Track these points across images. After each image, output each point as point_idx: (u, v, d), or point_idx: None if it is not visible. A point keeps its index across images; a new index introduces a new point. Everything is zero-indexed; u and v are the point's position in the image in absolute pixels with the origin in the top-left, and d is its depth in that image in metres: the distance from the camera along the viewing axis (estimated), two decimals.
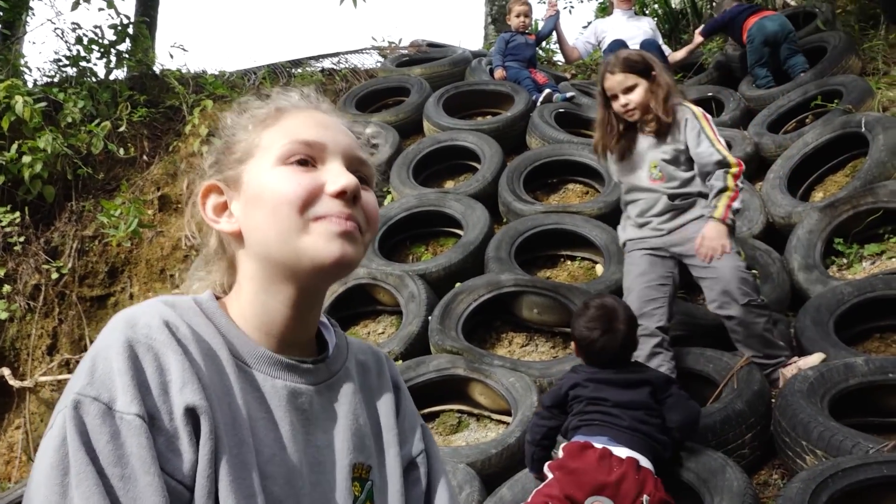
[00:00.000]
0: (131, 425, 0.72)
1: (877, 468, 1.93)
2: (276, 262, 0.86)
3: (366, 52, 6.98)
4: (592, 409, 2.23)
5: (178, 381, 0.76)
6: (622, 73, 2.92)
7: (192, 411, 0.76)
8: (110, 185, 5.31)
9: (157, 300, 0.85)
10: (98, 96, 5.54)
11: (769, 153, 4.29)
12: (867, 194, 3.45)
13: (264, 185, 0.87)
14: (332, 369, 0.92)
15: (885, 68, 4.68)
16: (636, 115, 2.94)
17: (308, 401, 0.88)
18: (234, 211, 0.91)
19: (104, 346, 0.76)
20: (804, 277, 3.31)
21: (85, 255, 5.00)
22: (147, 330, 0.78)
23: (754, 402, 2.46)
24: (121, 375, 0.74)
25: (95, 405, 0.72)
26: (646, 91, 2.92)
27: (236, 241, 0.91)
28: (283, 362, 0.87)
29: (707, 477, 2.11)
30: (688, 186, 2.94)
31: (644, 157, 2.98)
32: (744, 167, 2.88)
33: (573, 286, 3.55)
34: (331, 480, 0.86)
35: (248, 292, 0.89)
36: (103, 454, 0.71)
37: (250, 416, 0.82)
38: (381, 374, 1.01)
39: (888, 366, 2.48)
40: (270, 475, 0.81)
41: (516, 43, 5.53)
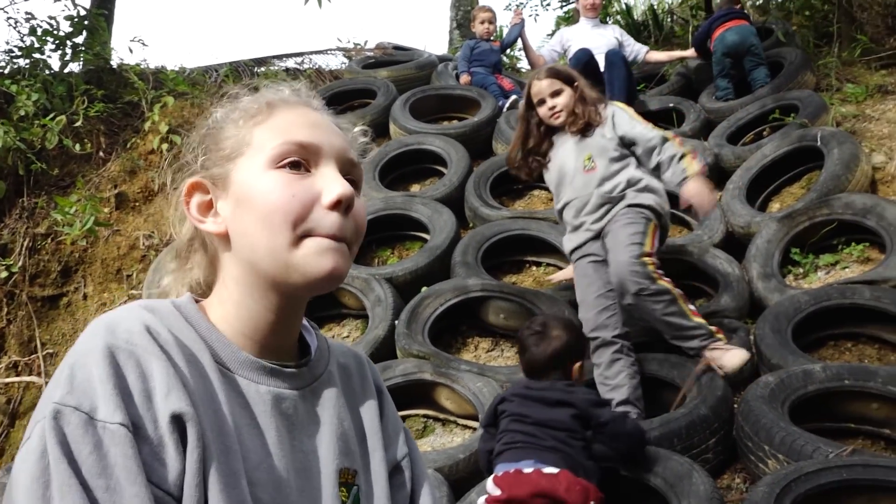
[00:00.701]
0: (115, 435, 0.70)
1: (837, 472, 1.99)
2: (262, 271, 0.84)
3: (331, 53, 6.94)
4: (515, 427, 2.15)
5: (163, 387, 0.74)
6: (548, 79, 3.06)
7: (178, 418, 0.73)
8: (64, 182, 5.15)
9: (137, 304, 0.82)
10: (53, 89, 5.37)
11: (728, 164, 4.40)
12: (823, 206, 3.57)
13: (256, 189, 0.83)
14: (314, 373, 0.91)
15: (837, 84, 4.85)
16: (561, 118, 3.06)
17: (292, 406, 0.86)
18: (220, 210, 0.87)
19: (83, 353, 0.73)
20: (763, 286, 3.40)
21: (36, 253, 4.84)
22: (128, 335, 0.75)
23: (718, 407, 2.52)
24: (102, 383, 0.71)
25: (76, 415, 0.69)
26: (570, 96, 3.06)
27: (221, 242, 0.88)
28: (267, 367, 0.85)
29: (674, 482, 2.14)
30: (618, 175, 3.00)
31: (573, 155, 3.07)
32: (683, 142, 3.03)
33: (539, 292, 3.58)
34: (317, 486, 0.85)
35: (232, 296, 0.87)
36: (86, 465, 0.68)
37: (235, 422, 0.80)
38: (364, 377, 1.00)
39: (844, 373, 2.57)
40: (258, 482, 0.79)
41: (481, 49, 5.56)
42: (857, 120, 4.40)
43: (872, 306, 2.97)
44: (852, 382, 2.53)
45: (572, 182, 3.06)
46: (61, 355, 4.51)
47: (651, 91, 5.70)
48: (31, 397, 4.45)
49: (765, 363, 2.88)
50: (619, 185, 2.98)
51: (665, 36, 7.05)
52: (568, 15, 8.49)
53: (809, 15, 6.09)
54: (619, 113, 3.07)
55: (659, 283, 2.78)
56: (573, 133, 3.08)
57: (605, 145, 3.01)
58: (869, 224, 3.42)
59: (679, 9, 7.79)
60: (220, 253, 0.89)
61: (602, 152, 3.01)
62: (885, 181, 3.92)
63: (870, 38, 5.21)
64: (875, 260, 3.44)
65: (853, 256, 3.50)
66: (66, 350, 4.44)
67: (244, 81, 0.97)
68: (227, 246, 0.87)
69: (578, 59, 5.18)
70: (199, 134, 0.93)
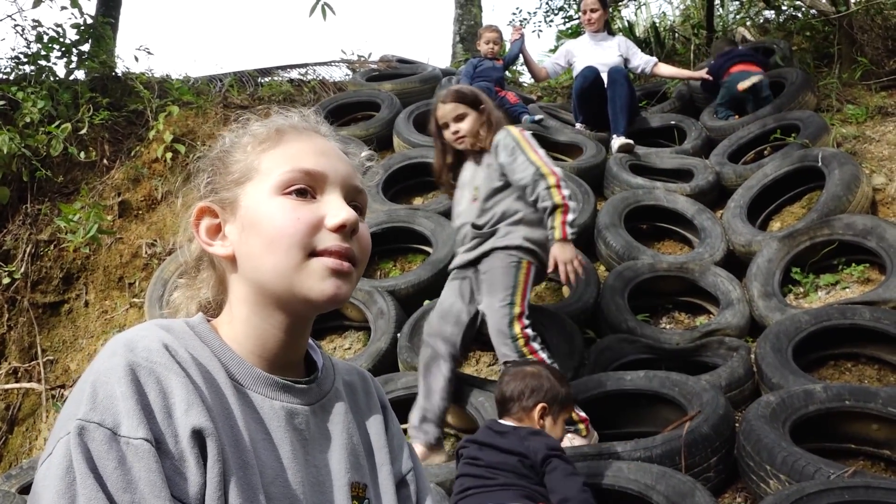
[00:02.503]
0: (139, 450, 0.72)
1: (839, 493, 2.00)
2: (269, 292, 0.87)
3: (335, 65, 6.98)
4: (467, 471, 2.09)
5: (183, 403, 0.76)
6: (453, 103, 3.00)
7: (198, 433, 0.76)
8: (68, 189, 5.16)
9: (152, 324, 0.84)
10: (58, 97, 5.39)
11: (730, 182, 4.44)
12: (824, 226, 3.60)
13: (263, 214, 0.87)
14: (323, 389, 0.93)
15: (838, 105, 4.90)
16: (465, 143, 3.00)
17: (304, 421, 0.88)
18: (228, 234, 0.90)
19: (104, 371, 0.75)
20: (763, 305, 3.43)
21: (39, 259, 4.84)
22: (147, 353, 0.78)
23: (720, 426, 2.53)
24: (124, 400, 0.73)
25: (100, 431, 0.71)
26: (475, 120, 2.99)
27: (229, 264, 0.91)
28: (279, 383, 0.88)
29: (677, 500, 2.15)
30: (494, 207, 2.94)
31: (469, 181, 3.07)
32: (560, 175, 2.85)
33: (540, 307, 3.59)
34: (330, 500, 0.87)
35: (241, 315, 0.89)
36: (111, 480, 0.70)
37: (251, 437, 0.82)
38: (369, 393, 1.02)
39: (845, 393, 2.58)
40: (275, 496, 0.81)
41: (484, 67, 5.60)
42: (857, 141, 4.44)
43: (873, 327, 2.99)
44: (853, 403, 2.54)
45: (462, 209, 3.06)
46: (62, 362, 4.51)
47: (652, 108, 5.74)
48: (30, 404, 4.45)
49: (765, 382, 2.90)
50: (493, 217, 2.94)
51: (667, 53, 7.10)
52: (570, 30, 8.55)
53: (810, 36, 6.15)
54: (504, 140, 2.93)
55: (523, 353, 2.80)
56: (472, 161, 3.05)
57: (490, 175, 2.98)
58: (869, 245, 3.45)
59: (681, 27, 7.86)
60: (227, 274, 0.92)
61: (487, 182, 2.98)
62: (885, 202, 3.95)
63: (870, 59, 5.26)
64: (875, 281, 3.47)
65: (853, 277, 3.53)
66: (67, 357, 4.45)
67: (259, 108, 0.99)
68: (235, 268, 0.90)
69: (585, 76, 5.21)
70: (209, 157, 0.95)
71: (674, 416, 2.76)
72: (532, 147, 2.92)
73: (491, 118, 3.01)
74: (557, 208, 2.82)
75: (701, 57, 6.47)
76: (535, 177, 2.84)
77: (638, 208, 4.29)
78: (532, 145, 2.93)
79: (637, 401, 2.89)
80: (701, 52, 6.60)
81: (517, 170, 2.88)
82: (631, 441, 2.55)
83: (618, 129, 4.97)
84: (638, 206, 4.29)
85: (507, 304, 2.83)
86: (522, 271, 2.89)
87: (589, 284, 3.69)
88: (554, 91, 6.78)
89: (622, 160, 4.72)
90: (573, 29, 8.59)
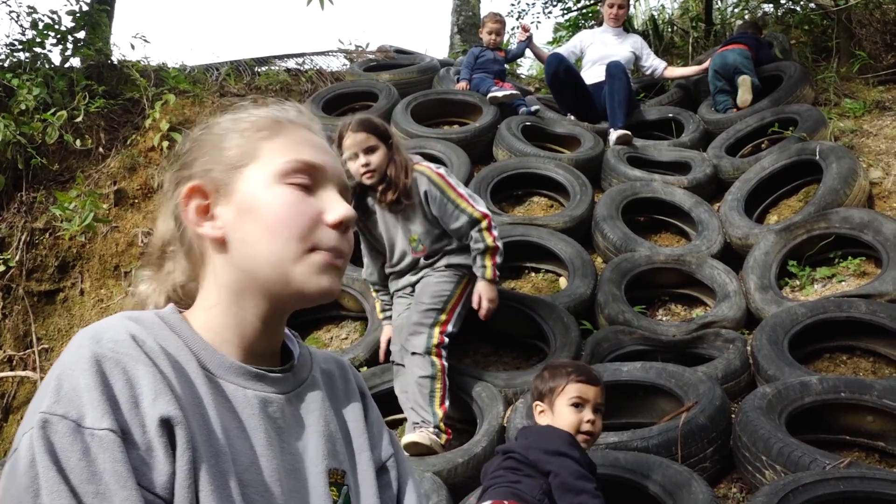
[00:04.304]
0: (103, 440, 0.71)
1: (835, 484, 2.01)
2: (258, 279, 0.87)
3: (332, 55, 6.94)
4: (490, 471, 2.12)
5: (150, 393, 0.76)
6: (364, 133, 2.90)
7: (166, 422, 0.75)
8: (64, 177, 5.13)
9: (121, 316, 0.84)
10: (53, 84, 5.36)
11: (727, 175, 4.44)
12: (821, 220, 3.61)
13: (263, 201, 0.87)
14: (299, 378, 0.93)
15: (835, 99, 4.90)
16: (374, 179, 2.92)
17: (279, 409, 0.88)
18: (218, 215, 0.89)
19: (69, 364, 0.75)
20: (760, 297, 3.44)
21: (34, 248, 4.82)
22: (113, 344, 0.77)
23: (716, 417, 2.54)
24: (89, 391, 0.73)
25: (63, 423, 0.71)
26: (384, 155, 2.92)
27: (215, 247, 0.89)
28: (252, 372, 0.88)
29: (673, 490, 2.16)
30: (442, 251, 3.10)
31: (400, 232, 3.06)
32: (491, 217, 3.00)
33: (538, 298, 3.60)
34: (308, 486, 0.87)
35: (220, 302, 0.89)
36: (74, 472, 0.70)
37: (224, 426, 0.82)
38: (347, 381, 1.02)
39: (840, 385, 2.60)
40: (249, 483, 0.81)
41: (485, 58, 5.58)
42: (854, 135, 4.44)
43: (868, 320, 3.00)
44: (848, 395, 2.56)
45: (402, 259, 3.13)
46: (57, 351, 4.49)
47: (650, 101, 5.74)
48: (25, 392, 4.44)
49: (761, 374, 2.91)
50: (441, 256, 3.10)
51: (665, 47, 7.10)
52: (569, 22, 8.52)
53: (808, 29, 6.15)
54: (431, 191, 2.96)
55: (433, 358, 2.90)
56: (384, 204, 2.99)
57: (428, 228, 3.05)
58: (866, 238, 3.46)
59: (679, 20, 7.85)
60: (209, 258, 0.90)
61: (427, 234, 3.06)
62: (882, 196, 3.96)
63: (868, 54, 5.26)
64: (871, 274, 3.48)
65: (850, 270, 3.54)
66: (62, 346, 4.43)
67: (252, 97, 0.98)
68: (221, 251, 0.89)
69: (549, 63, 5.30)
70: (198, 136, 0.94)
71: (670, 407, 2.77)
72: (455, 190, 2.98)
73: (396, 156, 2.94)
74: (488, 250, 2.98)
75: (699, 50, 6.46)
76: (468, 225, 2.96)
77: (635, 200, 4.29)
78: (453, 186, 2.99)
79: (634, 392, 2.90)
80: (699, 46, 6.59)
81: (450, 221, 2.97)
82: (628, 431, 2.56)
83: (615, 123, 4.97)
84: (635, 198, 4.29)
85: (435, 308, 2.98)
86: (462, 284, 3.07)
87: (586, 276, 3.70)
88: None
89: (620, 152, 4.71)
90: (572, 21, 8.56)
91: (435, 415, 2.85)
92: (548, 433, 2.07)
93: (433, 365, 2.90)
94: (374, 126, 2.94)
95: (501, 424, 2.87)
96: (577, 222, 4.11)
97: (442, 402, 2.89)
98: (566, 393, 2.09)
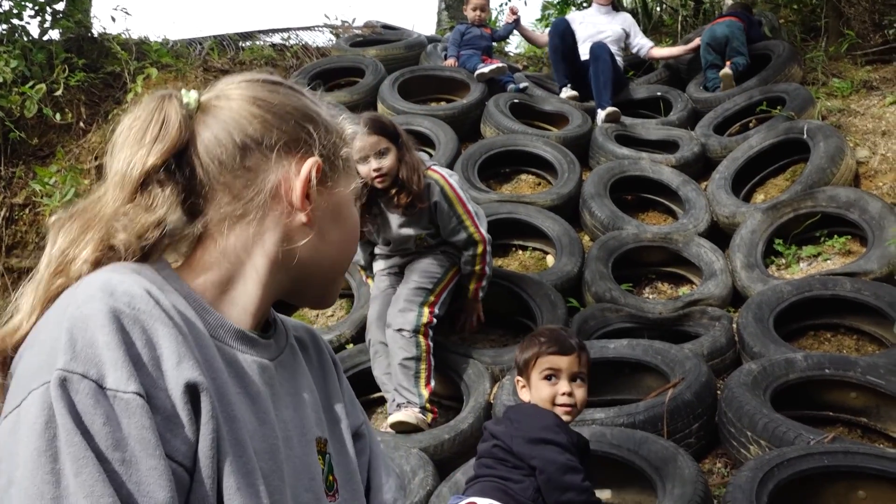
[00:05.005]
0: (129, 405, 0.67)
1: (819, 458, 2.03)
2: (305, 270, 0.87)
3: (318, 30, 6.84)
4: None
5: (173, 356, 0.71)
6: (375, 136, 2.76)
7: (192, 388, 0.71)
8: (44, 152, 5.04)
9: (124, 267, 0.77)
10: (32, 57, 5.23)
11: (714, 154, 4.44)
12: (807, 198, 3.61)
13: (349, 215, 0.91)
14: (280, 345, 0.90)
15: (823, 78, 4.90)
16: (386, 183, 2.82)
17: (272, 375, 0.85)
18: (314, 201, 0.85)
19: (82, 317, 0.69)
20: (746, 275, 3.45)
21: (14, 223, 4.75)
22: (129, 299, 0.71)
23: (702, 393, 2.55)
24: (109, 349, 0.67)
25: (85, 382, 0.66)
26: (395, 157, 2.81)
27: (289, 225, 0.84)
28: (249, 336, 0.84)
29: (659, 465, 2.17)
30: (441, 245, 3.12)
31: (403, 230, 3.03)
32: (488, 242, 3.05)
33: (525, 275, 3.59)
34: (299, 454, 0.85)
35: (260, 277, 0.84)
36: (100, 437, 0.65)
37: (235, 391, 0.78)
38: (319, 349, 1.00)
39: (825, 362, 2.61)
40: (256, 451, 0.78)
41: (472, 35, 5.53)
42: (842, 114, 4.45)
43: (853, 298, 3.02)
44: (833, 371, 2.58)
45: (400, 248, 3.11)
46: None
47: (639, 79, 5.71)
48: None
49: (747, 351, 2.92)
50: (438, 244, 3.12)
51: (654, 25, 7.06)
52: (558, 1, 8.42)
53: (797, 9, 6.13)
54: (440, 201, 2.93)
55: (419, 338, 2.88)
56: (394, 207, 2.92)
57: (434, 231, 3.06)
58: (852, 217, 3.47)
59: None
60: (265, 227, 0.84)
61: (433, 235, 3.08)
62: (868, 176, 3.98)
63: (857, 33, 5.26)
64: (856, 253, 3.49)
65: (835, 249, 3.55)
66: None
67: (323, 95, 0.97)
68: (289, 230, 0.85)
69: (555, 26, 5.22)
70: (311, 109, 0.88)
71: (656, 383, 2.78)
72: (463, 205, 2.98)
73: (407, 156, 2.85)
74: (475, 275, 3.08)
75: (688, 28, 6.43)
76: (467, 242, 3.01)
77: (623, 179, 4.27)
78: (463, 202, 2.98)
79: (620, 369, 2.90)
80: (688, 24, 6.56)
81: (451, 233, 3.01)
82: (614, 408, 2.56)
83: (601, 104, 4.94)
84: (623, 176, 4.27)
85: (424, 287, 2.97)
86: (451, 272, 3.08)
87: (573, 254, 3.69)
88: (540, 60, 6.71)
89: (608, 130, 4.69)
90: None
91: (421, 396, 2.83)
92: (531, 416, 1.96)
93: (418, 346, 2.87)
94: (384, 127, 2.82)
95: (488, 401, 2.87)
96: (565, 200, 4.09)
97: (427, 382, 2.87)
98: (538, 366, 1.98)
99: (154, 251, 0.80)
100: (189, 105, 0.84)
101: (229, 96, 0.85)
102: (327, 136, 0.88)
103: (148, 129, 0.81)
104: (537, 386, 1.98)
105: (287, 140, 0.84)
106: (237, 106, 0.84)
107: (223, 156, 0.82)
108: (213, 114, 0.84)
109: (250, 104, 0.84)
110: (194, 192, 0.82)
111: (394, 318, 2.92)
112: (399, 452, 2.59)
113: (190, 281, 0.82)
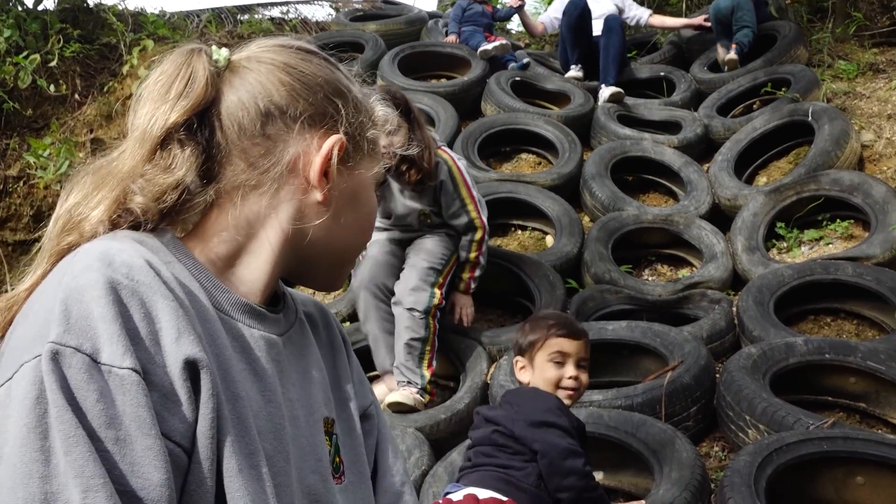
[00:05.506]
0: (124, 381, 0.63)
1: (818, 443, 2.02)
2: (315, 250, 0.83)
3: (317, 4, 6.76)
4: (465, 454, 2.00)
5: (172, 330, 0.67)
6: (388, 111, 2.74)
7: (191, 365, 0.67)
8: (38, 124, 4.97)
9: (124, 235, 0.73)
10: (26, 27, 5.14)
11: (718, 136, 4.39)
12: (810, 182, 3.57)
13: (367, 200, 0.86)
14: (289, 320, 0.86)
15: (829, 60, 4.83)
16: (394, 160, 2.73)
17: (280, 352, 0.81)
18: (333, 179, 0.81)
19: (77, 288, 0.65)
20: (746, 259, 3.42)
21: (8, 196, 4.70)
22: (127, 270, 0.67)
23: (700, 376, 2.53)
24: (105, 322, 0.64)
25: (78, 356, 0.62)
26: (406, 133, 2.70)
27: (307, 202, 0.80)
28: (256, 310, 0.80)
29: (657, 448, 2.16)
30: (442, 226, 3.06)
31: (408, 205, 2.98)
32: (487, 230, 3.02)
33: (523, 255, 3.56)
34: (306, 435, 0.81)
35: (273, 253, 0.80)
36: (92, 414, 0.62)
37: (238, 368, 0.74)
38: (329, 326, 0.96)
39: (825, 347, 2.59)
40: (261, 430, 0.74)
41: (473, 11, 5.45)
42: (847, 97, 4.39)
43: (854, 283, 3.00)
44: (833, 356, 2.56)
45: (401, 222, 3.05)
46: None
47: (642, 59, 5.64)
48: None
49: (746, 335, 2.90)
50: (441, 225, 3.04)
51: (658, 4, 6.94)
52: None
53: None
54: (445, 181, 2.89)
55: (429, 320, 2.86)
56: (404, 184, 2.86)
57: (438, 209, 2.98)
58: (855, 201, 3.44)
59: None
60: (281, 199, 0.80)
61: (436, 214, 3.00)
62: (872, 159, 3.93)
63: (864, 15, 5.18)
64: (859, 237, 3.46)
65: (837, 233, 3.52)
66: None
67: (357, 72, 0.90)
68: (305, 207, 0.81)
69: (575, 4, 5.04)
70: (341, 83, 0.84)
71: (655, 366, 2.76)
72: (468, 189, 2.94)
73: (420, 131, 2.76)
74: (468, 262, 3.02)
75: (693, 8, 6.33)
76: (467, 227, 2.97)
77: (624, 159, 4.23)
78: (468, 185, 2.95)
79: (619, 351, 2.88)
80: (693, 3, 6.45)
81: (452, 215, 2.96)
82: (612, 390, 2.54)
83: (608, 79, 4.88)
84: (625, 157, 4.23)
85: (434, 268, 2.93)
86: (454, 256, 3.04)
87: (573, 234, 3.65)
88: (542, 38, 6.62)
89: (610, 110, 4.64)
90: None
91: (423, 377, 2.82)
92: (532, 399, 1.92)
93: (427, 327, 2.85)
94: (396, 102, 2.67)
95: (485, 381, 2.85)
96: (566, 180, 4.05)
97: (430, 364, 2.86)
98: (546, 348, 1.94)
99: (170, 215, 0.77)
100: (218, 62, 0.80)
101: (260, 59, 0.81)
102: (356, 114, 0.83)
103: (173, 85, 0.77)
104: (543, 367, 1.94)
105: (313, 113, 0.80)
106: (266, 70, 0.80)
107: (244, 120, 0.78)
108: (241, 75, 0.80)
109: (280, 70, 0.80)
110: (210, 157, 0.78)
111: (405, 295, 2.85)
112: (395, 432, 2.57)
113: (196, 251, 0.78)
